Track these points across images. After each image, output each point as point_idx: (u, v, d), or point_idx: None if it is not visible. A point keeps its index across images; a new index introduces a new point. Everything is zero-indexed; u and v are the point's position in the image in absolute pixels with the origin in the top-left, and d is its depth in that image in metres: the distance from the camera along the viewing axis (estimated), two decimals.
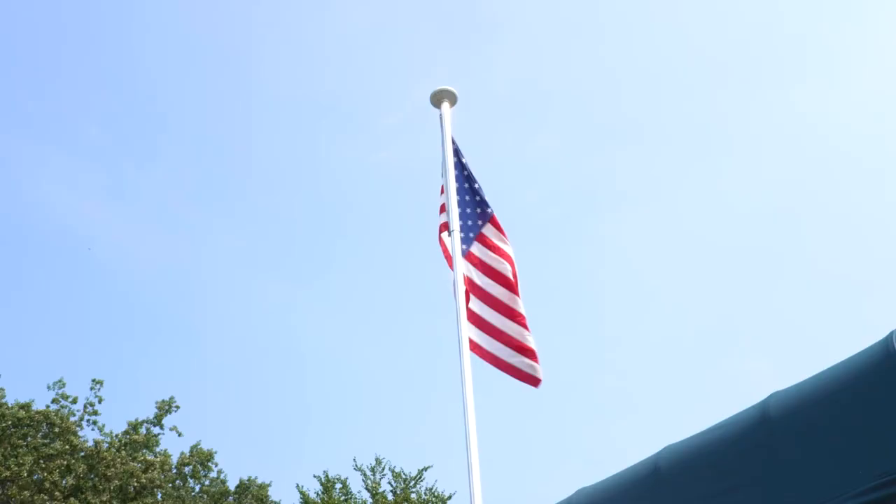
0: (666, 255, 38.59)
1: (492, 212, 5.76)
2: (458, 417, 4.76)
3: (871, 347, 3.29)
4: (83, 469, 17.65)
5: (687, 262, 39.06)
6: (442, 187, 5.82)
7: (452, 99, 5.90)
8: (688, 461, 3.71)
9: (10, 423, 16.92)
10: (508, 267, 5.59)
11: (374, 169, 40.21)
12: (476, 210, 5.72)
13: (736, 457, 3.48)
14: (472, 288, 5.47)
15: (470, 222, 5.67)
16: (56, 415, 17.58)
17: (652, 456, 3.97)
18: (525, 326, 5.49)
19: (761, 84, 38.91)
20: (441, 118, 5.91)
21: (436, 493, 21.44)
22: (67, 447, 17.27)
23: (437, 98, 5.88)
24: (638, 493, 3.89)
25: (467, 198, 5.69)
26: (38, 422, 17.28)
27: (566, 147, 40.09)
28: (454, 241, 5.49)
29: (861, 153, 38.17)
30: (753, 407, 3.58)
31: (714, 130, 40.02)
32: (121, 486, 18.20)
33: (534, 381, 5.57)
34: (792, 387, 3.51)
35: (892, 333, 3.15)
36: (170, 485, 20.77)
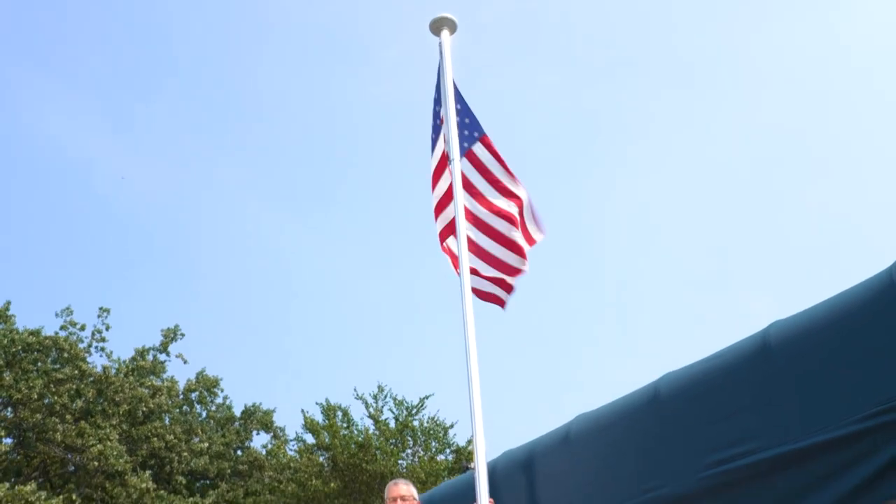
0: (671, 190, 38.41)
1: (480, 134, 5.75)
2: (460, 346, 4.80)
3: (873, 277, 3.29)
4: (92, 393, 18.00)
5: (692, 198, 38.90)
6: (441, 117, 5.79)
7: (452, 27, 5.78)
8: (687, 388, 3.75)
9: (20, 347, 17.18)
10: (500, 186, 5.64)
11: (375, 102, 39.75)
12: (464, 132, 5.73)
13: (735, 384, 3.52)
14: (467, 213, 5.47)
15: (465, 144, 5.69)
16: (65, 341, 17.83)
17: (651, 383, 4.02)
18: (519, 250, 5.53)
19: (794, 12, 37.92)
20: (440, 46, 5.82)
21: (437, 422, 21.87)
22: (76, 372, 17.58)
23: (437, 26, 5.76)
24: (637, 419, 3.95)
25: (463, 119, 5.71)
26: (47, 347, 17.55)
27: (572, 79, 39.50)
28: (455, 171, 5.47)
29: (884, 86, 37.46)
30: (754, 336, 3.60)
31: (725, 65, 39.32)
32: (129, 410, 18.59)
33: (501, 303, 5.60)
34: (793, 316, 3.53)
35: (895, 264, 3.16)
36: (177, 410, 21.21)
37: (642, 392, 4.03)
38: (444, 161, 5.66)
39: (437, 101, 5.93)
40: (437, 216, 5.72)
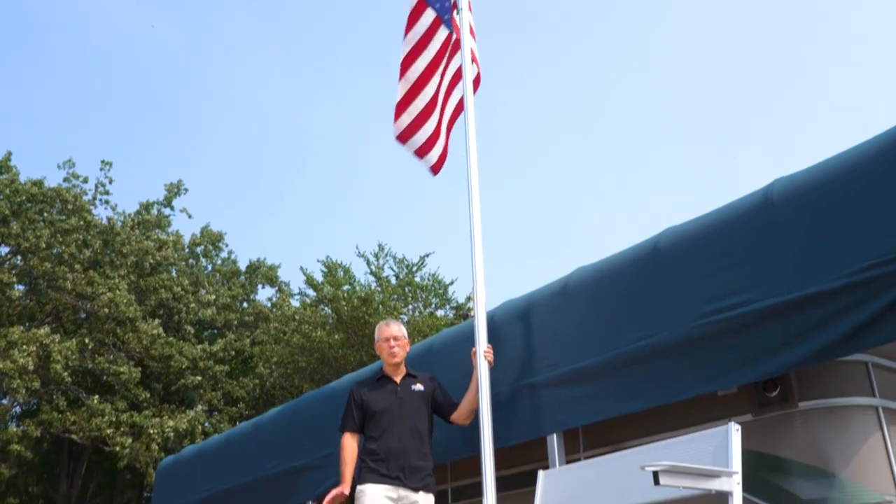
0: (685, 52, 37.33)
1: None
2: (461, 207, 4.81)
3: (881, 134, 3.27)
4: (99, 244, 18.29)
5: (704, 61, 37.89)
6: None
7: None
8: (688, 241, 3.80)
9: (24, 198, 17.31)
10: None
11: None
12: None
13: (736, 237, 3.56)
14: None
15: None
16: (68, 192, 17.93)
17: (652, 237, 4.06)
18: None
19: None
20: None
21: (438, 279, 22.32)
22: (82, 223, 17.79)
23: None
24: (636, 271, 4.01)
25: None
26: (51, 198, 17.67)
27: None
28: (462, 18, 5.34)
29: None
30: (757, 191, 3.62)
31: None
32: (136, 262, 18.95)
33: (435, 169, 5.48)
34: (797, 172, 3.53)
35: None
36: (183, 263, 21.63)
37: (643, 245, 4.08)
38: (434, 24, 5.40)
39: None
40: (401, 76, 5.42)
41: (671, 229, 3.99)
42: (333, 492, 4.27)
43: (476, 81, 5.42)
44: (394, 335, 4.58)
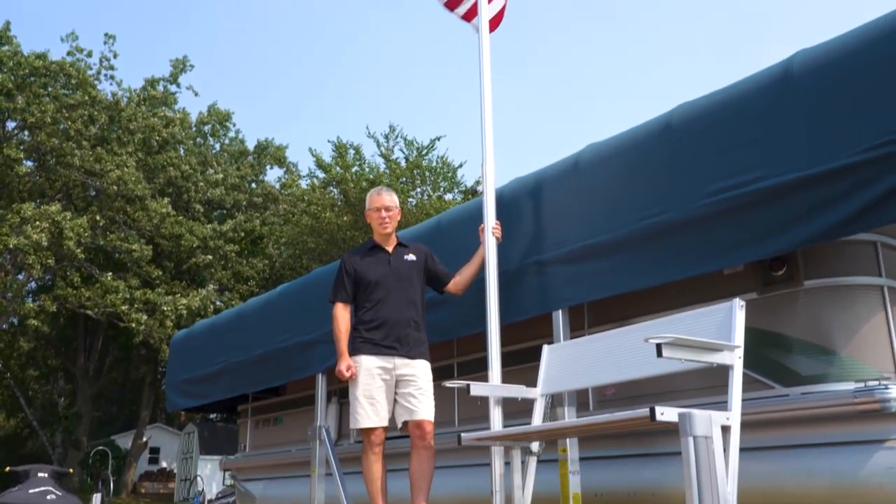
0: None
1: None
2: (472, 90, 4.71)
3: None
4: (105, 120, 18.13)
5: None
6: None
7: None
8: (702, 117, 3.70)
9: (27, 71, 17.01)
10: None
11: None
12: None
13: (751, 113, 3.47)
14: None
15: None
16: (72, 66, 17.61)
17: (665, 113, 3.97)
18: None
19: None
20: None
21: (447, 162, 22.21)
22: (87, 98, 17.56)
23: None
24: (647, 148, 3.94)
25: None
26: (54, 72, 17.37)
27: None
28: None
29: None
30: (777, 64, 3.49)
31: None
32: (144, 139, 18.84)
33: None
34: (818, 45, 3.40)
35: None
36: (191, 141, 21.51)
37: (655, 122, 3.99)
38: None
39: None
40: None
41: (685, 104, 3.89)
42: (343, 370, 4.22)
43: None
44: (385, 205, 4.50)
